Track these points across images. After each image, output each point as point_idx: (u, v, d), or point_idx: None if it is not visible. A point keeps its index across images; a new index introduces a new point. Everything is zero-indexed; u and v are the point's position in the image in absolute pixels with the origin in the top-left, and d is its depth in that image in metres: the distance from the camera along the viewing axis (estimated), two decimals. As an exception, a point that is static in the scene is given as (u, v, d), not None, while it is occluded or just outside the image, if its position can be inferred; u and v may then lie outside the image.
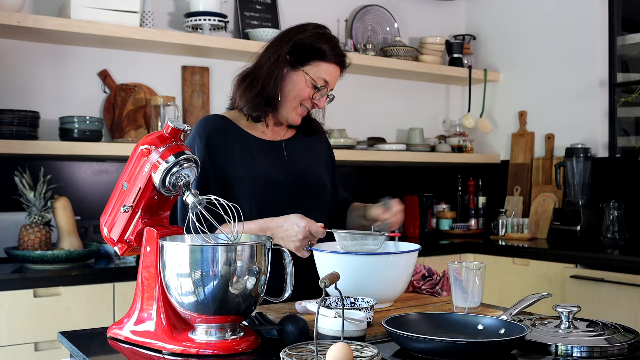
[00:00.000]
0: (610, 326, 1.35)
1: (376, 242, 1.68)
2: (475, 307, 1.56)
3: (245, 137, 1.88)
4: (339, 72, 1.91)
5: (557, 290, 2.96)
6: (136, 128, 3.08)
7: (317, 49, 1.85)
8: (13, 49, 2.88)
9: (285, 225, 1.68)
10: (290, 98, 1.86)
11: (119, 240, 1.41)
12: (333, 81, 1.89)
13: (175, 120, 1.37)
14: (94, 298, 2.43)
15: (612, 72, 3.53)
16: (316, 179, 1.94)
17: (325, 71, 1.86)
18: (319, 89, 1.86)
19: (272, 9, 3.49)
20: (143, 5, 2.98)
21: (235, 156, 1.83)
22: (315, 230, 1.65)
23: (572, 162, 3.42)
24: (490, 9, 4.13)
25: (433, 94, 4.17)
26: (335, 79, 1.91)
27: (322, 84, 1.86)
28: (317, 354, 1.11)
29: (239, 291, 1.25)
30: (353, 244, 1.67)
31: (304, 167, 1.93)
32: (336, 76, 1.91)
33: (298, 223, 1.66)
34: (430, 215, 3.85)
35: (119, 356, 1.32)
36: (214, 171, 1.81)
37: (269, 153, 1.89)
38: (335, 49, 1.88)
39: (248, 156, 1.85)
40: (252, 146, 1.87)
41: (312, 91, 1.86)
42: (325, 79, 1.86)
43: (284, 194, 1.84)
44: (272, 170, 1.85)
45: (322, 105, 1.89)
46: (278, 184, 1.84)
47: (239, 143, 1.86)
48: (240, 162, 1.83)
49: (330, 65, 1.87)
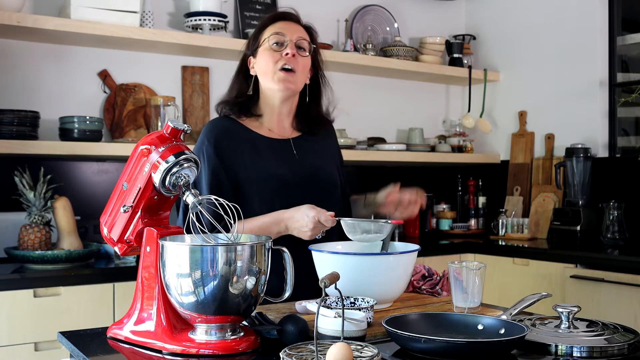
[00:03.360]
0: (610, 326, 1.35)
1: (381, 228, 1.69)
2: (475, 307, 1.56)
3: (253, 137, 1.89)
4: (293, 25, 1.92)
5: (557, 290, 2.96)
6: (136, 128, 3.08)
7: (261, 25, 1.93)
8: (13, 49, 2.88)
9: (296, 216, 1.73)
10: (266, 71, 1.87)
11: (119, 240, 1.41)
12: (290, 31, 1.89)
13: (175, 120, 1.37)
14: (94, 298, 2.43)
15: (612, 72, 3.53)
16: (327, 178, 1.94)
17: (273, 29, 1.89)
18: (279, 43, 1.87)
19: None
20: (143, 5, 2.98)
21: (245, 157, 1.84)
22: (325, 219, 1.69)
23: (572, 162, 3.42)
24: (490, 9, 4.13)
25: (433, 94, 4.17)
26: (292, 29, 1.90)
27: (277, 40, 1.87)
28: (317, 354, 1.11)
29: (239, 291, 1.25)
30: (360, 230, 1.69)
31: (314, 166, 1.93)
32: (291, 27, 1.90)
33: (308, 213, 1.70)
34: (430, 215, 3.85)
35: (119, 356, 1.32)
36: (226, 174, 1.81)
37: (278, 152, 1.90)
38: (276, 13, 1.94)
39: (257, 156, 1.85)
40: (260, 146, 1.88)
41: (276, 53, 1.86)
42: (276, 32, 1.87)
43: (294, 193, 1.84)
44: (281, 169, 1.86)
45: (292, 52, 1.86)
46: (288, 183, 1.85)
47: (247, 143, 1.86)
48: (250, 163, 1.84)
49: (275, 24, 1.90)
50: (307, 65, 1.92)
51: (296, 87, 1.89)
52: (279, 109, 1.92)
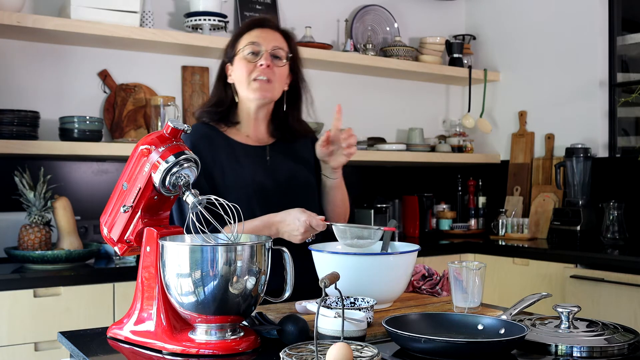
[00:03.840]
0: (610, 326, 1.35)
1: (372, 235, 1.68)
2: (475, 307, 1.56)
3: (231, 143, 1.89)
4: (269, 33, 1.90)
5: (557, 290, 2.96)
6: (136, 128, 3.08)
7: (237, 33, 1.93)
8: (13, 49, 2.88)
9: (288, 220, 1.73)
10: (241, 80, 1.87)
11: (119, 240, 1.41)
12: (266, 40, 1.88)
13: (175, 120, 1.37)
14: (94, 298, 2.43)
15: (612, 72, 3.53)
16: (300, 181, 1.93)
17: (249, 38, 1.88)
18: (254, 53, 1.86)
19: (272, 9, 3.49)
20: (143, 5, 2.98)
21: (223, 164, 1.84)
22: (316, 224, 1.69)
23: (572, 162, 3.42)
24: (490, 9, 4.13)
25: (433, 94, 4.17)
26: (269, 38, 1.89)
27: (252, 50, 1.86)
28: (317, 354, 1.11)
29: (239, 291, 1.25)
30: (351, 235, 1.68)
31: (287, 171, 1.92)
32: (267, 35, 1.89)
33: (299, 217, 1.70)
34: (430, 215, 3.85)
35: (119, 356, 1.32)
36: (205, 179, 1.82)
37: (254, 158, 1.90)
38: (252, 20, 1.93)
39: (235, 163, 1.85)
40: (238, 153, 1.88)
41: (251, 64, 1.86)
42: (251, 41, 1.87)
43: (272, 198, 1.85)
44: (258, 176, 1.86)
45: (266, 63, 1.85)
46: (265, 190, 1.85)
47: (224, 150, 1.86)
48: (228, 170, 1.84)
49: (251, 32, 1.89)
50: (283, 74, 1.91)
51: (272, 96, 1.90)
52: (255, 115, 1.92)
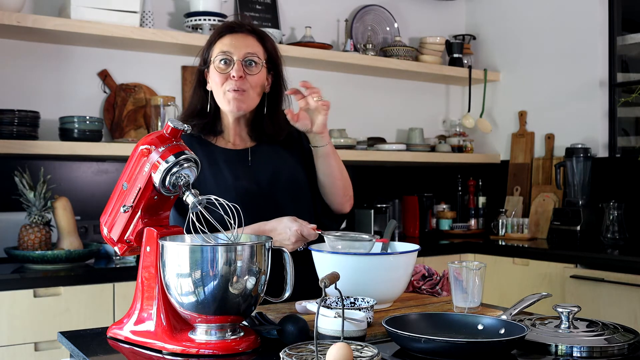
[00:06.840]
0: (610, 326, 1.35)
1: (365, 245, 1.68)
2: (475, 307, 1.56)
3: (212, 150, 1.86)
4: (240, 39, 1.83)
5: (557, 290, 2.96)
6: (136, 128, 3.08)
7: (209, 41, 1.86)
8: (13, 49, 2.88)
9: (279, 229, 1.69)
10: (216, 91, 1.82)
11: (119, 240, 1.41)
12: (237, 48, 1.81)
13: (175, 120, 1.37)
14: (94, 298, 2.43)
15: (612, 72, 3.53)
16: (285, 181, 1.88)
17: (220, 46, 1.82)
18: (226, 62, 1.80)
19: (272, 9, 3.49)
20: (143, 5, 2.98)
21: (204, 170, 1.81)
22: (307, 233, 1.67)
23: (572, 162, 3.42)
24: (490, 9, 4.13)
25: (433, 94, 4.17)
26: (240, 45, 1.81)
27: (223, 57, 1.79)
28: (317, 354, 1.11)
29: (239, 291, 1.25)
30: (342, 246, 1.67)
31: (270, 171, 1.87)
32: (238, 42, 1.82)
33: (290, 226, 1.67)
34: (430, 215, 3.85)
35: (119, 356, 1.32)
36: None
37: (235, 163, 1.85)
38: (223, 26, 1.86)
39: (216, 169, 1.83)
40: (219, 158, 1.84)
41: (223, 75, 1.80)
42: (222, 50, 1.80)
43: (256, 201, 1.80)
44: (239, 180, 1.82)
45: (238, 75, 1.78)
46: (248, 193, 1.81)
47: (206, 156, 1.83)
48: (210, 176, 1.81)
49: (223, 39, 1.82)
50: (258, 82, 1.83)
51: (247, 106, 1.83)
52: (234, 123, 1.88)
